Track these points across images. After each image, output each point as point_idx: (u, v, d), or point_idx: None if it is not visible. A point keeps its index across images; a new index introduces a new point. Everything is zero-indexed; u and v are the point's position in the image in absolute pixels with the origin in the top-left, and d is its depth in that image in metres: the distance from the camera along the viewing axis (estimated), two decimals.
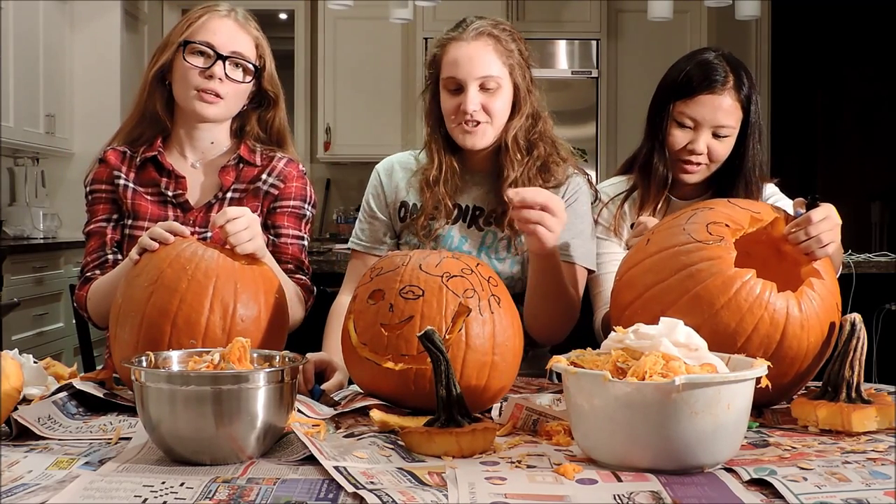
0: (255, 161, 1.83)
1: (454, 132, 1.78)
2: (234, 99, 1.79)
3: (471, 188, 1.85)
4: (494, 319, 1.31)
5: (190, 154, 1.84)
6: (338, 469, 1.01)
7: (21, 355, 1.40)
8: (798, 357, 1.32)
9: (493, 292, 1.34)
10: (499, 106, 1.75)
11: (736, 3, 4.92)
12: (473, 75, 1.73)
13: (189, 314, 1.33)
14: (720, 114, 1.76)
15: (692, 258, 1.33)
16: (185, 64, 1.75)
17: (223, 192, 1.81)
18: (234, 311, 1.35)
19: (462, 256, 1.39)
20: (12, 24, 4.67)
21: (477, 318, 1.30)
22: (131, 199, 1.80)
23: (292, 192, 1.83)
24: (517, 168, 1.77)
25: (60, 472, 1.03)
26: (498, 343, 1.31)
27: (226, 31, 1.77)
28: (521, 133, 1.79)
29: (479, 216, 1.84)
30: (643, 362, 1.05)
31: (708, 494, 0.96)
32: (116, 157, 1.84)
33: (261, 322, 1.39)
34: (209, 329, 1.34)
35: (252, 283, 1.40)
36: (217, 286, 1.36)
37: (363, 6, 5.36)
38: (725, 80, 1.76)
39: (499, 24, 1.79)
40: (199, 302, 1.34)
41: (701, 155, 1.79)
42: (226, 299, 1.35)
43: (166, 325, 1.33)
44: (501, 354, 1.31)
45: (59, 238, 5.10)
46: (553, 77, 5.93)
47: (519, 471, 1.04)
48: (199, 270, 1.36)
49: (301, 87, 6.17)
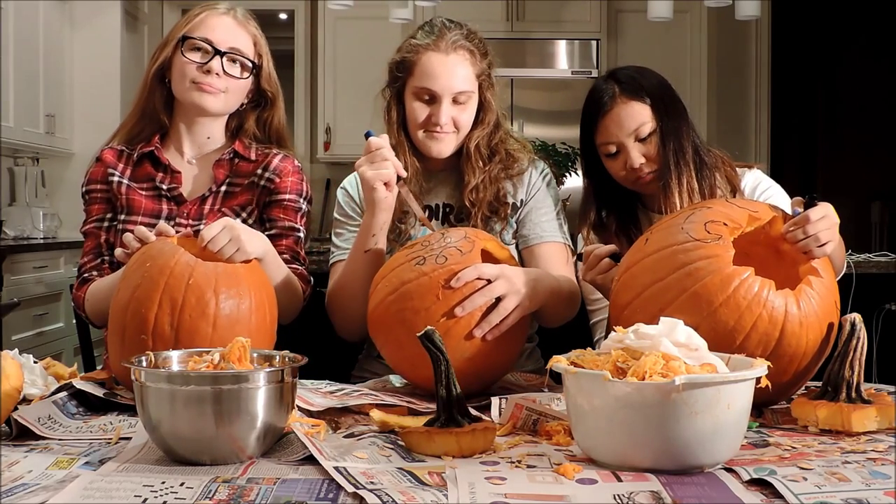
0: (250, 156, 1.85)
1: (420, 139, 1.80)
2: (233, 94, 1.81)
3: (438, 187, 1.87)
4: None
5: (187, 149, 1.86)
6: (338, 469, 1.01)
7: (21, 355, 1.40)
8: (797, 355, 1.32)
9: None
10: (466, 117, 1.79)
11: (736, 3, 4.91)
12: (449, 90, 1.75)
13: (137, 309, 1.37)
14: (628, 121, 1.74)
15: (690, 256, 1.33)
16: (182, 59, 1.77)
17: (217, 185, 1.82)
18: (182, 308, 1.35)
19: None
20: (12, 24, 4.67)
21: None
22: (126, 195, 1.82)
23: (288, 187, 1.84)
24: (478, 175, 1.80)
25: (60, 472, 1.03)
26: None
27: (224, 27, 1.79)
28: (483, 141, 1.82)
29: (451, 213, 1.86)
30: (643, 362, 1.05)
31: (708, 494, 0.96)
32: (112, 156, 1.86)
33: (244, 317, 1.39)
34: (157, 325, 1.35)
35: (233, 278, 1.41)
36: (169, 283, 1.36)
37: (363, 6, 5.36)
38: (613, 94, 1.75)
39: (471, 34, 1.80)
40: (149, 297, 1.36)
41: (644, 165, 1.75)
42: (175, 296, 1.36)
43: (125, 319, 1.38)
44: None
45: (59, 238, 5.10)
46: (553, 77, 5.94)
47: (519, 471, 1.04)
48: (154, 267, 1.39)
49: (301, 87, 6.17)
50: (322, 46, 6.03)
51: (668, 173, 1.74)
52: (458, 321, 1.41)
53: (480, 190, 1.80)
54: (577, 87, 5.83)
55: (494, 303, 1.43)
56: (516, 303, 1.45)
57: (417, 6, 5.00)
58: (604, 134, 1.77)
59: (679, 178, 1.74)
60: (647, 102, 1.75)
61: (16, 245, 4.38)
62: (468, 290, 1.41)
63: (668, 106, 1.76)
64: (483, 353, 1.44)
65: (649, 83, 1.77)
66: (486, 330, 1.42)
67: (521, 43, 5.89)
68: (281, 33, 6.28)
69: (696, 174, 1.76)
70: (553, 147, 3.50)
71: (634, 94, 1.75)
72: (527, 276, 1.50)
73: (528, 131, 5.67)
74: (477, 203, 1.80)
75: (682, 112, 1.79)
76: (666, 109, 1.76)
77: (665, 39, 5.81)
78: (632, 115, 1.74)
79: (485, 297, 1.42)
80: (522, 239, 1.84)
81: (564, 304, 1.70)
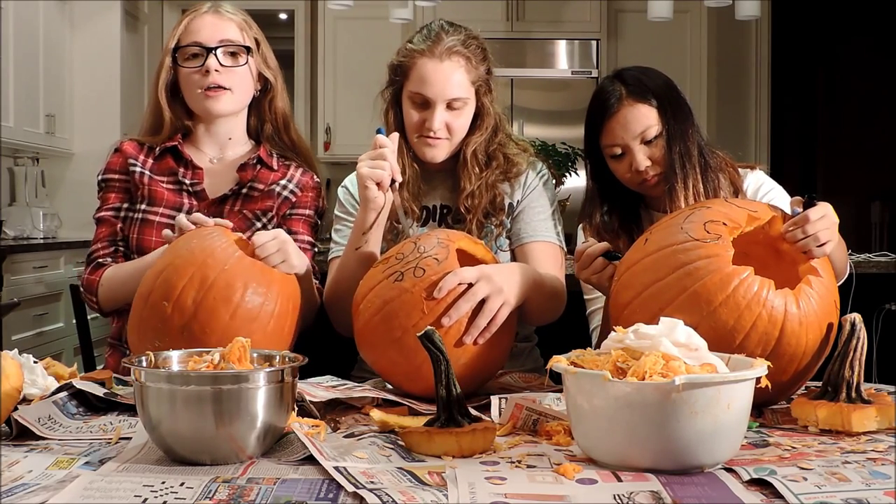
0: (273, 165, 1.90)
1: (415, 143, 1.81)
2: (241, 86, 1.85)
3: (435, 188, 1.87)
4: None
5: (209, 150, 1.90)
6: (338, 469, 1.01)
7: (21, 355, 1.40)
8: (797, 355, 1.32)
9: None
10: (461, 123, 1.79)
11: (736, 3, 4.91)
12: (443, 96, 1.75)
13: (170, 275, 1.43)
14: (634, 124, 1.73)
15: (690, 256, 1.33)
16: (183, 70, 1.83)
17: (240, 186, 1.85)
18: (210, 288, 1.41)
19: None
20: (12, 24, 4.67)
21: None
22: (148, 185, 1.85)
23: (308, 202, 1.91)
24: (474, 181, 1.80)
25: (60, 472, 1.03)
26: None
27: (208, 25, 1.83)
28: (480, 147, 1.82)
29: (448, 214, 1.86)
30: (643, 362, 1.05)
31: (708, 494, 0.96)
32: (133, 147, 1.90)
33: (263, 317, 1.43)
34: (181, 295, 1.41)
35: (265, 279, 1.46)
36: (206, 262, 1.42)
37: (363, 6, 5.36)
38: (620, 96, 1.74)
39: (468, 39, 1.79)
40: (184, 267, 1.42)
41: (650, 168, 1.74)
42: (207, 274, 1.41)
43: (154, 283, 1.44)
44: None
45: (59, 238, 5.10)
46: (553, 77, 5.94)
47: (519, 471, 1.04)
48: (198, 245, 1.46)
49: (301, 87, 6.17)
50: (322, 46, 6.04)
51: (674, 176, 1.73)
52: (448, 330, 1.40)
53: (476, 196, 1.80)
54: (577, 87, 5.84)
55: (479, 304, 1.43)
56: (501, 301, 1.44)
57: (417, 6, 5.00)
58: (609, 136, 1.76)
59: (685, 181, 1.74)
60: (653, 105, 1.74)
61: (16, 245, 4.38)
62: (451, 298, 1.41)
63: (674, 108, 1.75)
64: (477, 356, 1.44)
65: (655, 85, 1.76)
66: (476, 335, 1.42)
67: (521, 43, 5.90)
68: (281, 33, 6.29)
69: (702, 177, 1.75)
70: (553, 147, 3.49)
71: (641, 96, 1.74)
72: (507, 271, 1.50)
73: (528, 131, 5.68)
74: (472, 209, 1.80)
75: (688, 114, 1.78)
76: (672, 112, 1.75)
77: (665, 39, 5.81)
78: (638, 117, 1.73)
79: (469, 302, 1.41)
80: (515, 237, 1.84)
81: (547, 299, 1.68)
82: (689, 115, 1.78)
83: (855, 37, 6.95)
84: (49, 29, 5.12)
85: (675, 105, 1.76)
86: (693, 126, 1.77)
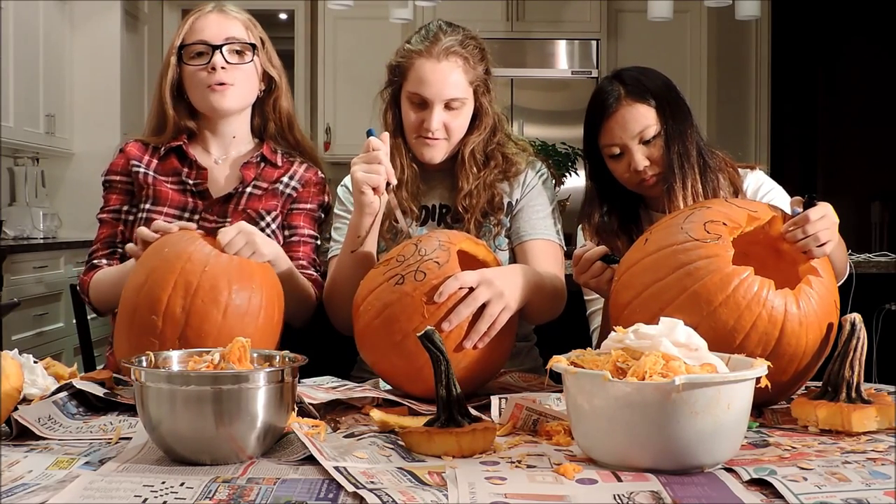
0: (277, 162, 1.90)
1: (413, 144, 1.81)
2: (246, 84, 1.85)
3: (435, 188, 1.87)
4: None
5: (214, 150, 1.91)
6: (338, 469, 1.01)
7: (21, 355, 1.40)
8: (797, 355, 1.32)
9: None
10: (459, 123, 1.79)
11: (736, 3, 4.91)
12: (440, 97, 1.75)
13: (151, 290, 1.41)
14: (632, 124, 1.73)
15: (690, 256, 1.33)
16: (189, 68, 1.83)
17: (244, 185, 1.86)
18: (196, 292, 1.40)
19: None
20: (12, 24, 4.67)
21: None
22: (152, 185, 1.85)
23: (310, 196, 1.91)
24: (472, 181, 1.80)
25: (60, 472, 1.03)
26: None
27: (212, 24, 1.84)
28: (478, 147, 1.82)
29: (447, 214, 1.86)
30: (643, 362, 1.05)
31: (708, 494, 0.96)
32: (137, 149, 1.91)
33: (253, 311, 1.44)
34: (169, 307, 1.39)
35: (247, 272, 1.46)
36: (185, 268, 1.41)
37: (363, 6, 5.36)
38: (618, 96, 1.74)
39: (466, 39, 1.78)
40: (164, 279, 1.40)
41: (648, 168, 1.74)
42: (189, 280, 1.40)
43: (137, 300, 1.42)
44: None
45: (59, 238, 5.10)
46: (553, 77, 5.94)
47: (519, 471, 1.04)
48: (172, 252, 1.44)
49: (301, 87, 6.17)
50: (322, 46, 6.04)
51: (672, 176, 1.73)
52: (448, 335, 1.40)
53: (474, 196, 1.80)
54: (577, 87, 5.84)
55: (480, 309, 1.43)
56: (501, 306, 1.44)
57: (417, 6, 5.00)
58: (608, 136, 1.75)
59: (683, 182, 1.73)
60: (651, 105, 1.74)
61: (16, 245, 4.39)
62: (452, 302, 1.41)
63: (672, 108, 1.75)
64: (477, 360, 1.44)
65: (654, 85, 1.76)
66: (476, 340, 1.42)
67: (521, 43, 5.90)
68: (281, 33, 6.28)
69: (701, 177, 1.75)
70: (553, 147, 3.49)
71: (639, 96, 1.74)
72: (508, 275, 1.50)
73: (527, 131, 5.68)
74: (470, 209, 1.80)
75: (686, 114, 1.77)
76: (671, 112, 1.75)
77: (665, 39, 5.81)
78: (636, 117, 1.73)
79: (469, 307, 1.41)
80: (514, 236, 1.84)
81: (548, 300, 1.68)
82: (688, 115, 1.78)
83: (855, 36, 6.95)
84: (49, 29, 5.12)
85: (674, 105, 1.76)
86: (692, 126, 1.77)
